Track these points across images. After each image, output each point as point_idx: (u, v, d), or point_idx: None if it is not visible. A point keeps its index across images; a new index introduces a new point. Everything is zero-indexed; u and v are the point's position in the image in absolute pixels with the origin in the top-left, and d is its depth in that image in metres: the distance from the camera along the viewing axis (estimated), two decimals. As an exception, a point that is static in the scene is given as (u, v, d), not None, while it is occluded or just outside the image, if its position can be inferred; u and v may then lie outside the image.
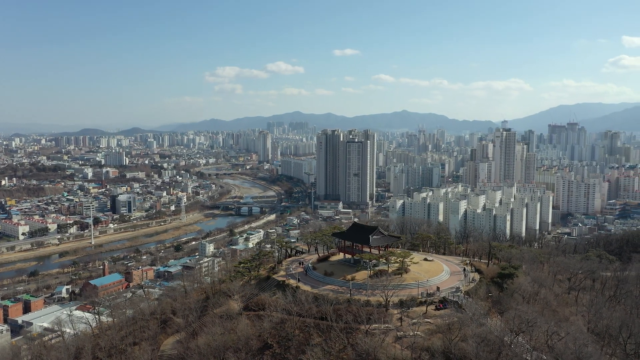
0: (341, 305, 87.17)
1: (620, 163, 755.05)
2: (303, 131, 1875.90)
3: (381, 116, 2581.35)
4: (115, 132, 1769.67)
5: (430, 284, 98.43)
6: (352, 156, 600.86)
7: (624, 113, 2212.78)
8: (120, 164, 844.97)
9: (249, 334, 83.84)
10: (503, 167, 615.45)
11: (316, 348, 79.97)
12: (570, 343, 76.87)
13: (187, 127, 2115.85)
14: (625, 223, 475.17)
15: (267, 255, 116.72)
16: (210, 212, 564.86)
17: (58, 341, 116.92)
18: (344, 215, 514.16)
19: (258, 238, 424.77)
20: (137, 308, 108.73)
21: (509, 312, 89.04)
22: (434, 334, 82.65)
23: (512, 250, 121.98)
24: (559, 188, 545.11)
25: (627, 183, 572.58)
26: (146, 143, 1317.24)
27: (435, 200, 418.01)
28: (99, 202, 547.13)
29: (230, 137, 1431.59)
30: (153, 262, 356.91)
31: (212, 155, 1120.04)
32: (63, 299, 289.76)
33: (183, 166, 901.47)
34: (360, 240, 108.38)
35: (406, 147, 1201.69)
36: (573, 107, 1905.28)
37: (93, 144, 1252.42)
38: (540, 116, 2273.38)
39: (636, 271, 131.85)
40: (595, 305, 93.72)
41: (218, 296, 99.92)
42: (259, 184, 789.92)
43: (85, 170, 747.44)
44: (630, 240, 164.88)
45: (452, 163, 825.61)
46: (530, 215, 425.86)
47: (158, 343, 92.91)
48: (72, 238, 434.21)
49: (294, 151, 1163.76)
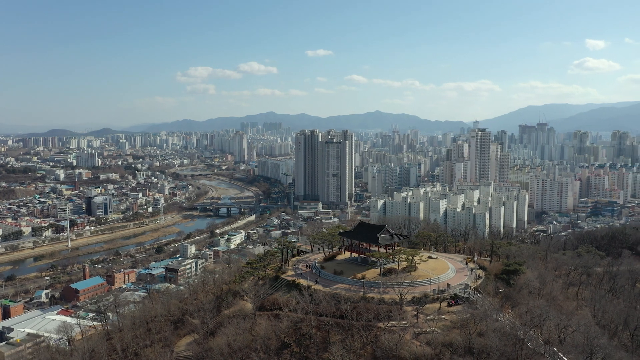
0: (358, 303, 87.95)
1: (590, 162, 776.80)
2: (277, 132, 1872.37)
3: (354, 117, 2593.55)
4: (85, 132, 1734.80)
5: (440, 281, 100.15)
6: (331, 156, 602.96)
7: (589, 114, 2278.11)
8: (93, 165, 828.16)
9: (270, 334, 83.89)
10: (478, 166, 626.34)
11: (336, 346, 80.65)
12: (582, 336, 79.53)
13: (159, 127, 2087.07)
14: (597, 220, 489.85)
15: (274, 255, 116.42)
16: (188, 213, 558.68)
17: (67, 346, 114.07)
18: (324, 216, 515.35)
19: (239, 239, 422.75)
20: (146, 310, 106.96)
21: (521, 307, 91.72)
22: (450, 330, 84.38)
23: (511, 247, 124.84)
24: (533, 187, 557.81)
25: (598, 182, 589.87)
26: (118, 144, 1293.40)
27: (416, 199, 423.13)
28: (74, 204, 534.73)
29: (204, 137, 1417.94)
30: (134, 264, 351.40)
31: (187, 156, 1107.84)
32: (43, 304, 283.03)
33: (157, 167, 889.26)
34: (368, 239, 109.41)
35: (380, 148, 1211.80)
36: (541, 107, 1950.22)
37: (62, 145, 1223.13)
38: (510, 117, 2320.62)
39: (627, 266, 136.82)
40: (600, 300, 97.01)
41: (229, 296, 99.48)
42: (236, 185, 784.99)
43: (56, 172, 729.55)
44: (615, 236, 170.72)
45: (428, 163, 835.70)
46: (508, 213, 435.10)
47: (171, 344, 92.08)
48: (48, 241, 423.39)
49: (270, 152, 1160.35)
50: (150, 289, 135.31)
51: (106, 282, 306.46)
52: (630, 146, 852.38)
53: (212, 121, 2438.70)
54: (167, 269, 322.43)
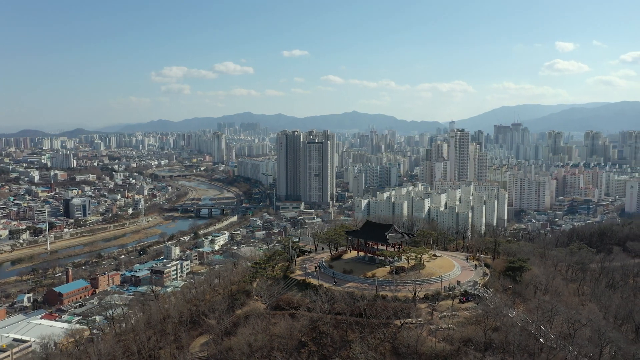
0: (375, 301, 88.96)
1: (564, 162, 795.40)
2: (255, 132, 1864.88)
3: (331, 117, 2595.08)
4: (58, 133, 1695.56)
5: (450, 279, 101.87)
6: (313, 157, 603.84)
7: (561, 114, 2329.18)
8: (68, 167, 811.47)
9: (288, 333, 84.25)
10: (458, 166, 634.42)
11: (356, 343, 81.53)
12: (591, 330, 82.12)
13: (134, 127, 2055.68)
14: (573, 218, 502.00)
15: (281, 255, 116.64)
16: (169, 214, 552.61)
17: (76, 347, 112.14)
18: (307, 216, 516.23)
19: (223, 240, 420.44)
20: (156, 311, 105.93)
21: (530, 302, 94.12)
22: (465, 326, 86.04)
23: (511, 245, 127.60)
24: (512, 186, 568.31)
25: (573, 181, 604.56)
26: (93, 144, 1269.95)
27: (399, 199, 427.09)
28: (51, 207, 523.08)
29: (180, 138, 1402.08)
30: (117, 267, 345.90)
31: (164, 157, 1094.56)
32: (25, 308, 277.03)
33: (135, 168, 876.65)
34: (376, 238, 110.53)
35: (359, 148, 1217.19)
36: (514, 108, 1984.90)
37: (35, 146, 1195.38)
38: (484, 117, 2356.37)
39: (618, 262, 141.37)
40: (602, 295, 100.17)
41: (241, 296, 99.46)
42: (215, 186, 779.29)
43: (31, 173, 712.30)
44: (605, 233, 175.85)
45: (407, 163, 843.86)
46: (489, 212, 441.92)
47: (185, 345, 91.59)
48: (26, 244, 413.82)
49: (248, 152, 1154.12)
50: (155, 291, 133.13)
51: (90, 285, 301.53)
52: (602, 146, 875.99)
53: (188, 121, 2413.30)
54: (153, 271, 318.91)
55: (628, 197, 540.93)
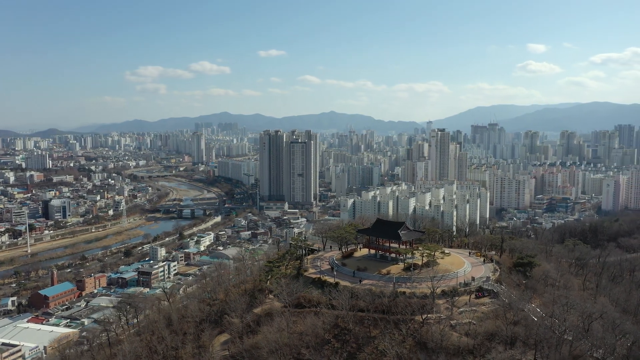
0: (396, 298, 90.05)
1: (541, 161, 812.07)
2: (233, 132, 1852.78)
3: (309, 117, 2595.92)
4: (30, 133, 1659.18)
5: (464, 275, 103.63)
6: (296, 156, 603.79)
7: (534, 114, 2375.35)
8: (44, 167, 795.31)
9: (312, 330, 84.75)
10: (439, 165, 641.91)
11: (380, 339, 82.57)
12: (607, 322, 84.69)
13: (109, 127, 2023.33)
14: (553, 216, 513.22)
15: (292, 254, 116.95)
16: (151, 215, 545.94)
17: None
18: (291, 216, 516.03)
19: (209, 240, 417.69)
20: (173, 311, 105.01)
21: (544, 296, 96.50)
22: (484, 321, 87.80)
23: (514, 242, 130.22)
24: (492, 185, 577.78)
25: (552, 179, 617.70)
26: (68, 145, 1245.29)
27: (385, 198, 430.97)
28: (29, 208, 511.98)
29: (158, 138, 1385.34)
30: (103, 268, 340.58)
31: (142, 157, 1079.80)
32: (10, 312, 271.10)
33: (113, 169, 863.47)
34: (388, 236, 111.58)
35: (338, 148, 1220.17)
36: (489, 108, 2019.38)
37: (7, 147, 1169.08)
38: (460, 117, 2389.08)
39: (614, 257, 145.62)
40: (611, 289, 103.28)
41: (259, 294, 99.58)
42: (196, 186, 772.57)
43: (5, 174, 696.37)
44: (597, 229, 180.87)
45: (387, 162, 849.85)
46: (472, 210, 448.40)
47: (206, 344, 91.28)
48: (5, 247, 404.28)
49: (227, 152, 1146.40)
50: (166, 290, 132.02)
51: (76, 287, 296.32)
52: (577, 145, 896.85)
53: (165, 121, 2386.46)
54: (140, 273, 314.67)
55: (605, 195, 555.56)
